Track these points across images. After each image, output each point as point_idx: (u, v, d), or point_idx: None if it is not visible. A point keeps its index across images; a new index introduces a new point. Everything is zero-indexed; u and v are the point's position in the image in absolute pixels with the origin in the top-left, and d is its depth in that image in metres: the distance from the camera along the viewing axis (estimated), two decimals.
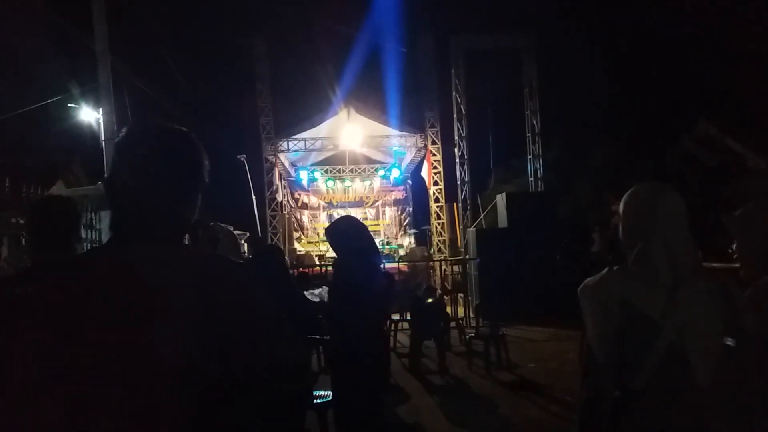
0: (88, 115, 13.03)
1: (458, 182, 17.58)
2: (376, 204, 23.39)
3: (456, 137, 17.55)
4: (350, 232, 3.48)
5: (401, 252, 19.04)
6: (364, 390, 3.26)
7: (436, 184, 18.64)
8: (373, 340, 3.35)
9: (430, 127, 18.43)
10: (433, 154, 18.48)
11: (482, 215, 15.42)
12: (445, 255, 17.45)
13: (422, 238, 19.94)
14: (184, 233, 1.36)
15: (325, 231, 3.86)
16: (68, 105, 13.26)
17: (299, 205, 22.75)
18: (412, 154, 20.32)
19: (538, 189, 16.88)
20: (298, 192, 22.49)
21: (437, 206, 18.69)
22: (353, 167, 21.59)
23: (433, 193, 18.71)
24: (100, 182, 8.79)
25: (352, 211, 22.40)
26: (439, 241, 18.60)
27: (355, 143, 19.05)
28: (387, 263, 13.34)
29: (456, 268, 14.31)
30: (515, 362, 7.31)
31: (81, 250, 2.36)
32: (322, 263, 14.02)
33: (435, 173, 18.59)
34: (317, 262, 15.07)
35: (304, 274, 8.96)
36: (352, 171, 21.74)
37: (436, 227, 18.73)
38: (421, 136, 18.68)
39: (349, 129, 18.35)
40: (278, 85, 18.32)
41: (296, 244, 19.96)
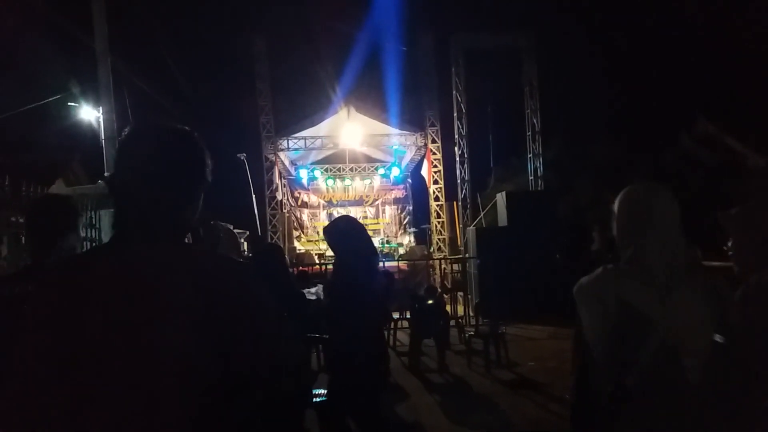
0: (88, 113, 13.04)
1: (458, 181, 17.58)
2: (376, 203, 23.39)
3: (456, 136, 17.55)
4: (348, 232, 3.49)
5: (401, 251, 19.04)
6: (363, 389, 3.27)
7: (436, 182, 18.64)
8: (372, 340, 3.36)
9: (430, 126, 18.42)
10: (433, 153, 18.47)
11: (482, 214, 15.42)
12: (445, 254, 17.45)
13: (422, 237, 19.94)
14: (186, 232, 1.36)
15: (324, 230, 3.87)
16: (68, 104, 13.27)
17: (299, 203, 22.75)
18: (412, 153, 20.32)
19: (538, 188, 16.88)
20: (298, 191, 22.49)
21: (437, 205, 18.69)
22: (353, 166, 21.60)
23: (433, 192, 18.71)
24: (100, 181, 8.79)
25: (352, 210, 22.41)
26: (439, 239, 18.60)
27: (355, 142, 19.04)
28: (387, 262, 13.36)
29: (456, 267, 14.31)
30: (515, 361, 7.31)
31: (80, 249, 2.36)
32: (321, 262, 14.01)
33: (435, 172, 18.59)
34: (317, 261, 15.07)
35: (304, 273, 8.96)
36: (352, 170, 21.74)
37: (436, 226, 18.73)
38: (421, 135, 18.67)
39: (349, 127, 18.34)
40: (278, 84, 18.33)
41: (296, 243, 19.97)
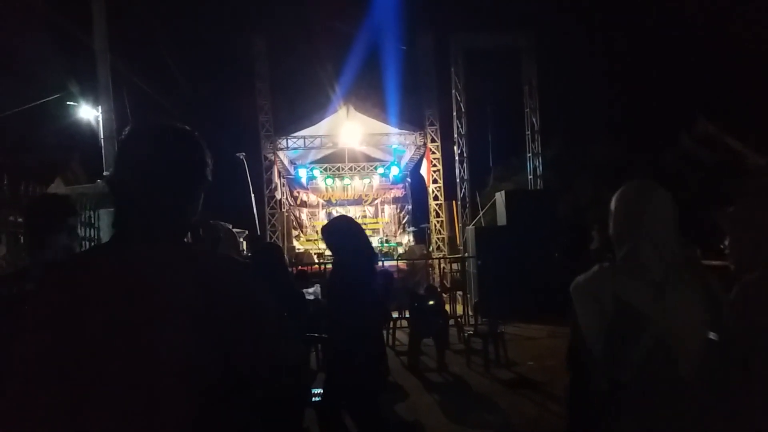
0: (87, 113, 13.01)
1: (457, 180, 17.58)
2: (375, 202, 23.38)
3: (455, 135, 17.55)
4: (346, 232, 3.49)
5: (400, 250, 19.06)
6: (361, 388, 3.27)
7: (435, 182, 18.64)
8: (371, 339, 3.36)
9: (430, 125, 18.42)
10: (433, 152, 18.47)
11: (481, 213, 15.43)
12: (444, 253, 17.46)
13: (421, 236, 19.96)
14: (187, 232, 1.36)
15: (321, 230, 3.87)
16: (67, 103, 13.24)
17: (298, 203, 22.74)
18: (412, 152, 20.32)
19: (538, 187, 16.89)
20: (297, 190, 22.49)
21: (436, 204, 18.69)
22: (352, 165, 21.59)
23: (432, 191, 18.71)
24: (99, 180, 8.79)
25: (351, 209, 22.41)
26: (438, 239, 18.60)
27: (354, 141, 19.04)
28: (386, 261, 13.37)
29: (455, 266, 14.31)
30: (514, 360, 7.31)
31: (78, 249, 2.36)
32: (321, 261, 14.01)
33: (434, 171, 18.58)
34: (316, 260, 15.07)
35: (303, 272, 8.95)
36: (351, 169, 21.74)
37: (435, 225, 18.73)
38: (420, 134, 18.67)
39: (349, 127, 18.34)
40: (277, 83, 18.34)
41: (295, 242, 19.97)
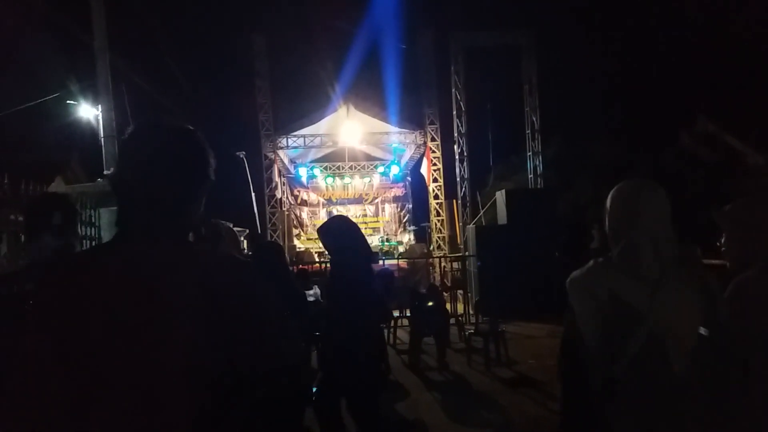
0: (87, 111, 13.01)
1: (458, 179, 17.58)
2: (376, 201, 23.38)
3: (455, 134, 17.55)
4: (342, 231, 3.50)
5: (401, 249, 19.06)
6: (360, 387, 3.26)
7: (435, 181, 18.64)
8: (369, 338, 3.35)
9: (430, 124, 18.42)
10: (433, 151, 18.47)
11: (482, 212, 15.41)
12: (445, 252, 17.46)
13: (422, 235, 19.96)
14: (189, 231, 1.37)
15: (318, 231, 3.87)
16: (67, 102, 13.25)
17: (299, 202, 22.75)
18: (412, 151, 20.32)
19: (538, 186, 16.89)
20: (298, 189, 22.49)
21: (437, 203, 18.69)
22: (353, 164, 21.59)
23: (433, 190, 18.71)
24: (100, 179, 8.79)
25: (352, 208, 22.42)
26: (439, 237, 18.61)
27: (354, 140, 19.04)
28: (386, 260, 13.35)
29: (455, 265, 14.30)
30: (514, 359, 7.31)
31: (78, 247, 2.36)
32: (321, 260, 14.01)
33: (434, 170, 18.58)
34: (317, 259, 15.07)
35: (304, 271, 8.94)
36: (352, 168, 21.74)
37: (436, 224, 18.74)
38: (420, 133, 18.67)
39: (349, 126, 18.34)
40: (277, 82, 18.35)
41: (296, 241, 19.98)
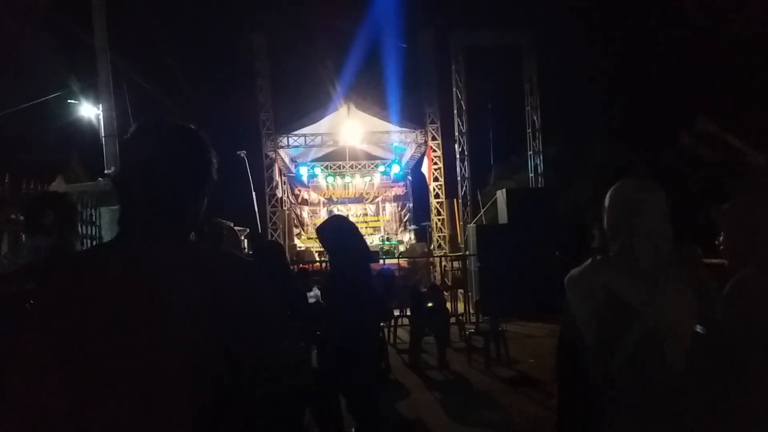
0: (88, 111, 13.01)
1: (458, 178, 17.57)
2: (377, 200, 23.38)
3: (456, 133, 17.54)
4: (340, 231, 3.51)
5: (401, 248, 19.04)
6: (357, 387, 3.26)
7: (436, 180, 18.64)
8: (368, 338, 3.35)
9: (431, 123, 18.41)
10: (434, 150, 18.46)
11: (482, 211, 15.40)
12: (445, 251, 17.46)
13: (422, 234, 19.95)
14: (192, 230, 1.37)
15: (316, 231, 3.89)
16: (68, 101, 13.25)
17: (299, 201, 22.75)
18: (413, 150, 20.31)
19: (539, 185, 16.88)
20: (298, 188, 22.48)
21: (437, 202, 18.69)
22: (353, 163, 21.58)
23: (433, 189, 18.71)
24: (101, 178, 8.79)
25: (353, 207, 22.43)
26: (439, 237, 18.61)
27: (355, 139, 19.04)
28: (387, 259, 13.35)
29: (456, 264, 14.31)
30: (515, 358, 7.31)
31: (79, 246, 2.37)
32: (322, 259, 14.01)
33: (435, 169, 18.58)
34: (317, 258, 15.07)
35: (305, 270, 8.94)
36: (352, 167, 21.72)
37: (437, 223, 18.73)
38: (421, 132, 18.66)
39: (349, 125, 18.34)
40: (278, 81, 18.34)
41: (296, 240, 19.98)
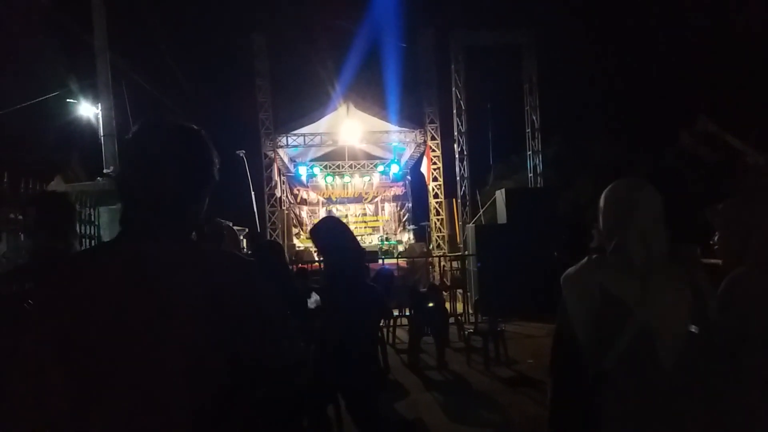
0: (87, 110, 13.01)
1: (457, 178, 17.57)
2: (376, 200, 23.37)
3: (455, 133, 17.54)
4: (332, 232, 3.52)
5: (400, 248, 19.04)
6: (352, 387, 3.26)
7: (435, 179, 18.64)
8: (363, 338, 3.35)
9: (430, 123, 18.41)
10: (433, 150, 18.46)
11: (481, 211, 15.41)
12: (444, 251, 17.46)
13: (421, 234, 19.95)
14: (193, 229, 1.37)
15: (310, 232, 3.91)
16: (67, 100, 13.24)
17: (298, 200, 22.73)
18: (412, 150, 20.31)
19: (538, 185, 16.89)
20: (297, 188, 22.47)
21: (436, 202, 18.69)
22: (352, 163, 21.57)
23: (433, 189, 18.71)
24: (100, 178, 8.79)
25: (351, 207, 22.42)
26: (438, 236, 18.61)
27: (354, 139, 19.04)
28: (386, 259, 13.36)
29: (455, 264, 14.31)
30: (514, 358, 7.31)
31: (77, 245, 2.36)
32: (320, 259, 14.00)
33: (434, 169, 18.58)
34: (316, 258, 15.06)
35: (303, 270, 8.94)
36: (352, 167, 21.72)
37: (436, 223, 18.73)
38: (420, 132, 18.66)
39: (349, 124, 18.34)
40: (277, 81, 18.32)
41: (295, 240, 19.96)
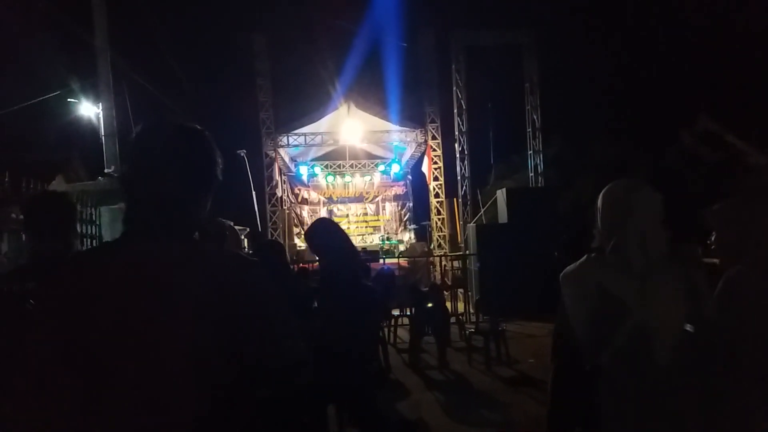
0: (88, 110, 13.00)
1: (458, 178, 17.56)
2: (376, 199, 23.34)
3: (456, 132, 17.53)
4: (326, 234, 3.53)
5: (401, 247, 19.02)
6: (351, 388, 3.25)
7: (436, 179, 18.63)
8: (360, 339, 3.34)
9: (431, 122, 18.40)
10: (434, 150, 18.45)
11: (482, 211, 15.40)
12: (445, 250, 17.45)
13: (422, 234, 19.93)
14: (196, 229, 1.37)
15: (304, 235, 3.93)
16: (68, 100, 13.22)
17: (299, 200, 22.71)
18: (413, 150, 20.29)
19: (539, 184, 16.88)
20: (298, 187, 22.44)
21: (437, 202, 18.68)
22: (353, 162, 21.54)
23: (433, 189, 18.70)
24: (101, 177, 8.80)
25: (353, 207, 22.40)
26: (439, 236, 18.60)
27: (355, 138, 19.03)
28: (387, 259, 13.36)
29: (456, 264, 14.30)
30: (515, 358, 7.31)
31: (78, 245, 2.36)
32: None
33: (435, 168, 18.57)
34: (317, 258, 15.05)
35: (304, 270, 8.95)
36: (352, 166, 21.68)
37: (437, 223, 18.73)
38: (421, 132, 18.65)
39: (349, 124, 18.33)
40: (278, 81, 18.33)
41: (296, 240, 19.95)
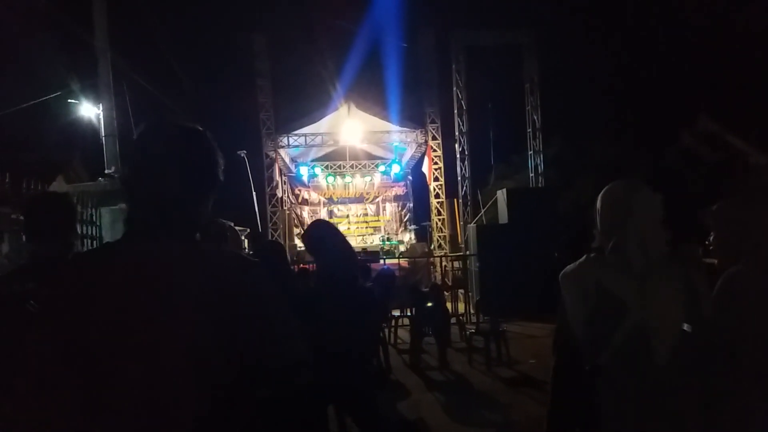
0: (89, 110, 13.00)
1: (459, 178, 17.57)
2: (377, 200, 23.34)
3: (457, 133, 17.54)
4: (323, 236, 3.53)
5: (402, 248, 19.02)
6: (350, 390, 3.25)
7: (436, 179, 18.63)
8: (359, 340, 3.34)
9: (431, 123, 18.40)
10: (434, 150, 18.46)
11: (483, 211, 15.40)
12: (446, 251, 17.46)
13: (423, 234, 19.93)
14: (197, 230, 1.37)
15: (302, 238, 3.92)
16: (68, 101, 13.23)
17: (299, 201, 22.71)
18: (413, 150, 20.30)
19: (539, 185, 16.88)
20: (299, 188, 22.45)
21: (438, 202, 18.68)
22: (353, 163, 21.55)
23: (434, 189, 18.70)
24: (101, 178, 8.80)
25: (353, 207, 22.41)
26: (440, 237, 18.60)
27: (355, 139, 19.03)
28: (387, 259, 13.36)
29: (456, 264, 14.30)
30: (515, 358, 7.31)
31: (78, 246, 2.36)
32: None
33: (435, 169, 18.57)
34: None
35: (305, 270, 8.94)
36: (353, 167, 21.69)
37: (437, 223, 18.73)
38: (421, 132, 18.65)
39: (350, 124, 18.33)
40: (278, 81, 18.34)
41: (297, 240, 19.95)
